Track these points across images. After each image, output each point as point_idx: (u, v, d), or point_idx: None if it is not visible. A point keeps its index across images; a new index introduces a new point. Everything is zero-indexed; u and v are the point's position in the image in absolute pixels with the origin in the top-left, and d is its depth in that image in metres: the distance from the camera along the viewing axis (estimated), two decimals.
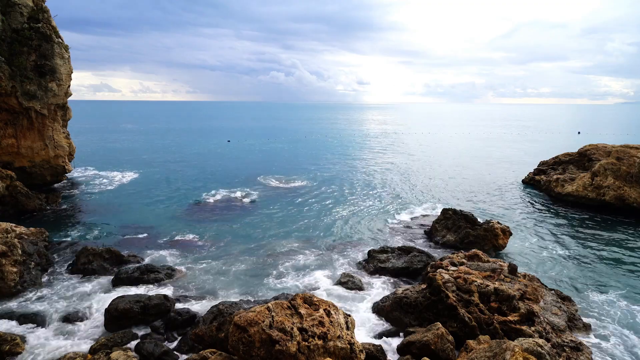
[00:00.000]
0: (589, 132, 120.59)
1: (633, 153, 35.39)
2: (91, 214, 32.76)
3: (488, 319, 15.22)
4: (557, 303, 17.20)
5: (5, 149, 36.32)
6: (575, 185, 37.52)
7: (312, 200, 38.29)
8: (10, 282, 18.89)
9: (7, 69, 33.72)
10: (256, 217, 32.46)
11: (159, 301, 17.34)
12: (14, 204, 31.55)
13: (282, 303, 12.82)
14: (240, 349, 11.70)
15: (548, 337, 14.51)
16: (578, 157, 43.39)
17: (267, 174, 50.33)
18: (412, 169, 56.19)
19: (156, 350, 14.55)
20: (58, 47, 37.15)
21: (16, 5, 35.09)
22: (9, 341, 14.40)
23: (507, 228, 25.91)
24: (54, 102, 37.71)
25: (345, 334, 12.51)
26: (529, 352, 12.00)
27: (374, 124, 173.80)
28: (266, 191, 41.44)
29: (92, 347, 14.83)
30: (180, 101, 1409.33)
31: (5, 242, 20.20)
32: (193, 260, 23.96)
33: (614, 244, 26.97)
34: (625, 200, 33.88)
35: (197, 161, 61.16)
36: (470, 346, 13.45)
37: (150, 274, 20.66)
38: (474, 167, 58.24)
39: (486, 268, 18.23)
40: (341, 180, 47.93)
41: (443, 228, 27.60)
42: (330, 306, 13.18)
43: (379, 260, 22.58)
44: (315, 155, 69.20)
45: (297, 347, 11.49)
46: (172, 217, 32.28)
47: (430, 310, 16.33)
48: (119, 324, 16.35)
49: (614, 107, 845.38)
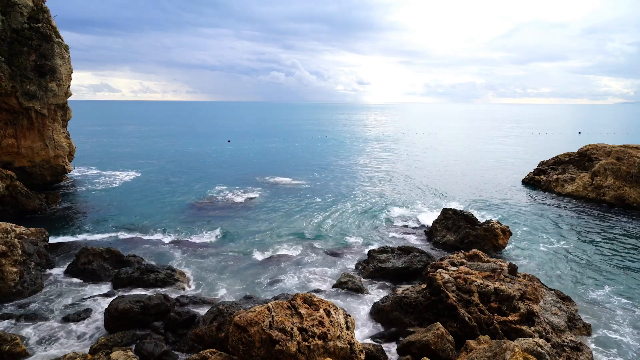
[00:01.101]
0: (589, 132, 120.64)
1: (633, 153, 35.40)
2: (91, 214, 32.75)
3: (488, 319, 15.21)
4: (557, 303, 17.20)
5: (5, 149, 36.32)
6: (575, 185, 37.52)
7: (312, 200, 38.29)
8: (10, 282, 18.89)
9: (7, 69, 33.72)
10: (256, 217, 32.45)
11: (159, 301, 17.33)
12: (14, 204, 31.55)
13: (282, 303, 12.82)
14: (240, 349, 11.70)
15: (548, 337, 14.51)
16: (578, 157, 43.40)
17: (267, 174, 50.34)
18: (412, 169, 56.20)
19: (156, 350, 14.55)
20: (58, 47, 37.16)
21: (16, 5, 35.10)
22: (9, 341, 14.40)
23: (507, 228, 25.90)
24: (54, 102, 37.71)
25: (345, 334, 12.51)
26: (529, 352, 11.99)
27: (374, 124, 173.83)
28: (266, 191, 41.44)
29: (92, 347, 14.82)
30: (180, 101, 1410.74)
31: (5, 242, 20.20)
32: (193, 260, 23.96)
33: (613, 244, 26.96)
34: (625, 200, 33.90)
35: (197, 161, 61.17)
36: (470, 346, 13.45)
37: (150, 274, 20.64)
38: (474, 167, 58.26)
39: (486, 268, 18.23)
40: (341, 180, 47.92)
41: (443, 228, 27.60)
42: (330, 306, 13.18)
43: (379, 260, 22.57)
44: (316, 155, 69.20)
45: (297, 347, 11.49)
46: (172, 217, 32.28)
47: (430, 310, 16.32)
48: (119, 324, 16.34)
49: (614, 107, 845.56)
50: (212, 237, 27.70)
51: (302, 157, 66.81)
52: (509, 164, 60.41)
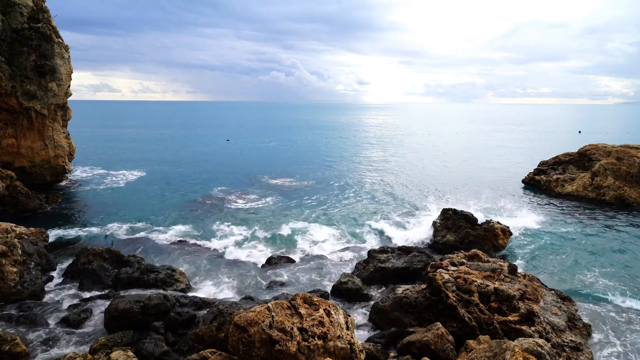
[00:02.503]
0: (589, 132, 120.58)
1: (633, 153, 35.40)
2: (91, 214, 32.76)
3: (488, 319, 15.21)
4: (557, 303, 17.19)
5: (5, 149, 36.32)
6: (575, 185, 37.52)
7: (312, 199, 38.29)
8: (10, 282, 18.89)
9: (7, 69, 33.71)
10: (256, 217, 32.45)
11: (159, 301, 17.32)
12: (14, 204, 31.55)
13: (282, 303, 12.81)
14: (240, 349, 11.70)
15: (548, 337, 14.50)
16: (578, 157, 43.37)
17: (267, 174, 50.33)
18: (412, 168, 56.19)
19: (156, 350, 14.54)
20: (58, 47, 37.15)
21: (16, 5, 35.09)
22: (8, 341, 14.39)
23: (507, 228, 25.89)
24: (54, 102, 37.71)
25: (345, 334, 12.50)
26: (529, 352, 11.98)
27: (375, 123, 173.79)
28: (266, 191, 41.44)
29: (92, 347, 14.81)
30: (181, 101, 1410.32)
31: (5, 242, 20.19)
32: (193, 260, 23.96)
33: (613, 244, 26.95)
34: (625, 200, 33.89)
35: (197, 161, 61.15)
36: (470, 346, 13.45)
37: (150, 274, 20.64)
38: (474, 166, 58.24)
39: (486, 268, 18.22)
40: (341, 179, 47.92)
41: (443, 228, 27.59)
42: (330, 306, 13.17)
43: (379, 260, 22.56)
44: (315, 155, 69.18)
45: (297, 347, 11.49)
46: (172, 216, 32.28)
47: (430, 310, 16.31)
48: (119, 324, 16.32)
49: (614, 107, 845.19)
50: (212, 237, 27.69)
51: (302, 157, 66.80)
52: (509, 164, 60.38)
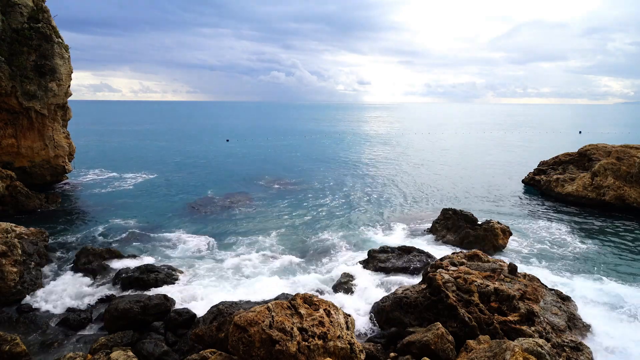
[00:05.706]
0: (589, 132, 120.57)
1: (633, 153, 35.37)
2: (91, 214, 32.76)
3: (488, 319, 15.20)
4: (557, 303, 17.19)
5: (5, 149, 36.32)
6: (575, 185, 37.50)
7: (312, 199, 38.28)
8: (10, 282, 18.89)
9: (7, 69, 33.72)
10: (256, 217, 32.45)
11: (159, 301, 17.33)
12: (14, 204, 31.56)
13: (282, 303, 12.81)
14: (240, 349, 11.70)
15: (548, 337, 14.50)
16: (578, 157, 43.32)
17: (266, 174, 50.33)
18: (412, 168, 56.18)
19: (156, 350, 14.54)
20: (58, 47, 37.16)
21: (16, 5, 35.10)
22: (8, 341, 14.38)
23: (507, 228, 25.89)
24: (54, 102, 37.71)
25: (345, 333, 12.50)
26: (529, 352, 11.98)
27: (375, 123, 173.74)
28: (266, 191, 41.44)
29: (92, 347, 14.81)
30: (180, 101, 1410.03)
31: (5, 242, 20.20)
32: (193, 260, 23.96)
33: (613, 244, 26.96)
34: (625, 200, 33.86)
35: (196, 161, 61.16)
36: (470, 346, 13.45)
37: (150, 274, 20.64)
38: (474, 166, 58.24)
39: (486, 268, 18.22)
40: (342, 180, 47.92)
41: (443, 228, 27.60)
42: (330, 306, 13.17)
43: (379, 260, 22.57)
44: (315, 156, 69.17)
45: (297, 347, 11.49)
46: (172, 217, 32.29)
47: (430, 310, 16.31)
48: (119, 324, 16.34)
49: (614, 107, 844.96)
50: (212, 238, 27.68)
51: (302, 157, 66.79)
52: (509, 164, 60.39)
